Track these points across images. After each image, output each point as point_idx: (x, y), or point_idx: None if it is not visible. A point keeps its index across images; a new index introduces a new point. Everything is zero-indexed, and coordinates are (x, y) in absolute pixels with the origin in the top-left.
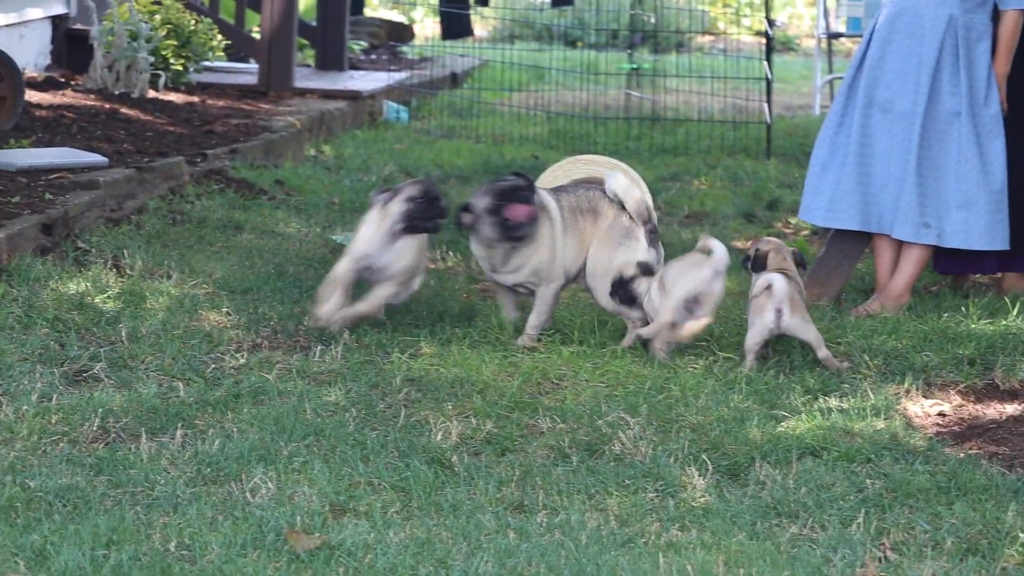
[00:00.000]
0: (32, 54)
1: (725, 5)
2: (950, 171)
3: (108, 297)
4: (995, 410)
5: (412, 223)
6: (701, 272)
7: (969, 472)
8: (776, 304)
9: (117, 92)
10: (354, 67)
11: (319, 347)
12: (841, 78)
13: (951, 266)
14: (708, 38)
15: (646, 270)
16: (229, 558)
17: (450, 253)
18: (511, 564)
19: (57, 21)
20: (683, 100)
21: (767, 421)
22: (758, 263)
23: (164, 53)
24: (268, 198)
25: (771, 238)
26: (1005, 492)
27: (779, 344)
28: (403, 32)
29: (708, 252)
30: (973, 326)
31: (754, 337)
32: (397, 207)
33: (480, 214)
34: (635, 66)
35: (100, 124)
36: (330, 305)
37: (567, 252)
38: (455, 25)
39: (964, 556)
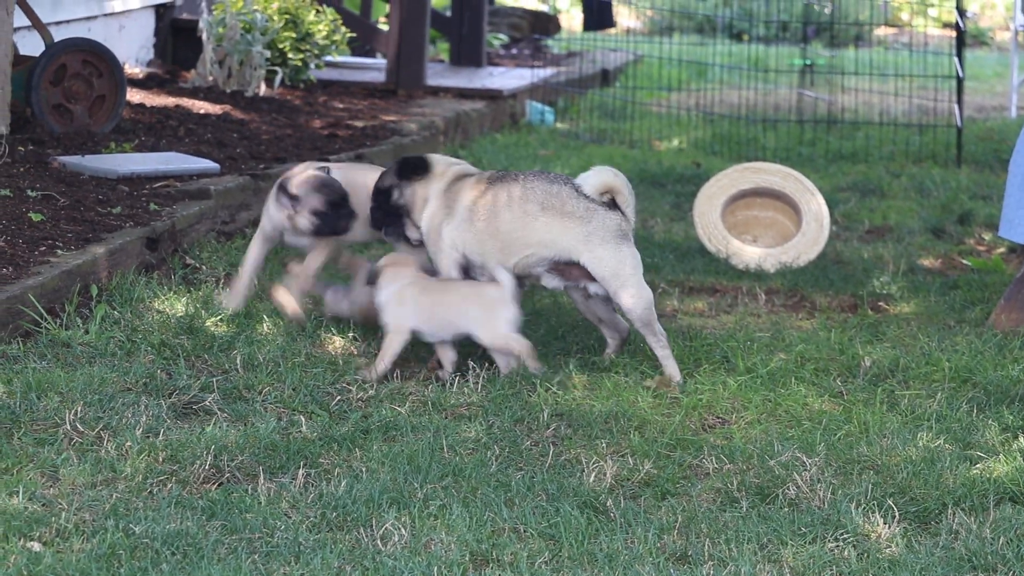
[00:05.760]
0: (133, 48)
1: None
2: None
3: (220, 320)
4: None
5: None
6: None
7: None
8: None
9: (229, 90)
10: (493, 63)
11: (456, 377)
12: None
13: None
14: (890, 31)
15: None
16: None
17: None
18: None
19: (161, 11)
20: (862, 100)
21: (960, 462)
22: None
23: (281, 47)
24: None
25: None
26: None
27: (974, 373)
28: (548, 23)
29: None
30: None
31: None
32: None
33: None
34: (809, 62)
35: (210, 126)
36: None
37: None
38: (597, 15)
39: None
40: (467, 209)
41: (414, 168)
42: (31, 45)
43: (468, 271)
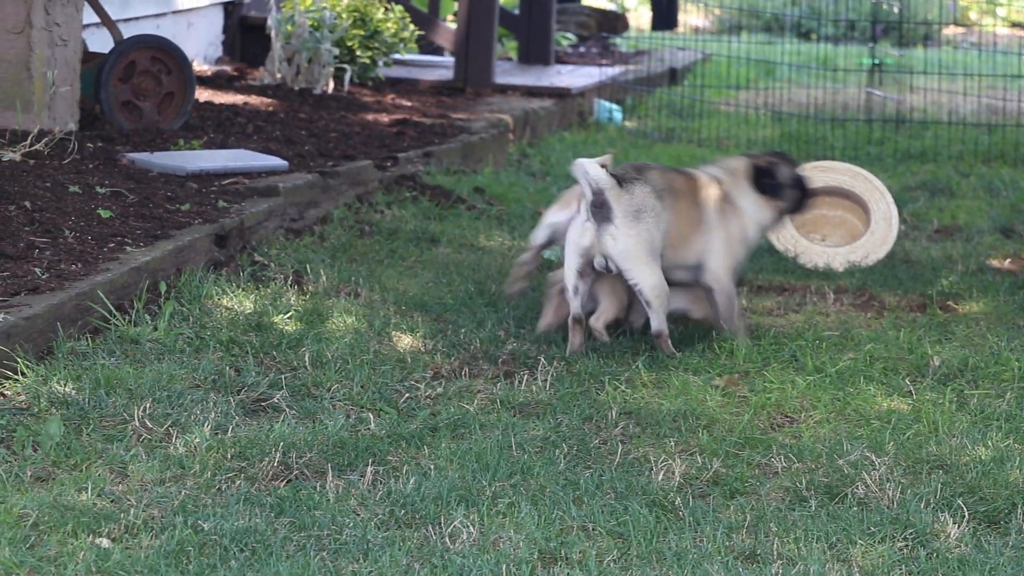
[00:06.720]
0: (202, 45)
1: None
2: None
3: (289, 317)
4: None
5: None
6: None
7: None
8: None
9: (297, 88)
10: (561, 61)
11: (525, 375)
12: None
13: None
14: (959, 30)
15: None
16: None
17: None
18: None
19: (230, 8)
20: (931, 100)
21: None
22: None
23: (350, 45)
24: (466, 207)
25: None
26: None
27: None
28: (616, 22)
29: None
30: None
31: None
32: None
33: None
34: (877, 61)
35: (278, 124)
36: None
37: None
38: (664, 14)
39: None
40: None
41: None
42: (100, 42)
43: None
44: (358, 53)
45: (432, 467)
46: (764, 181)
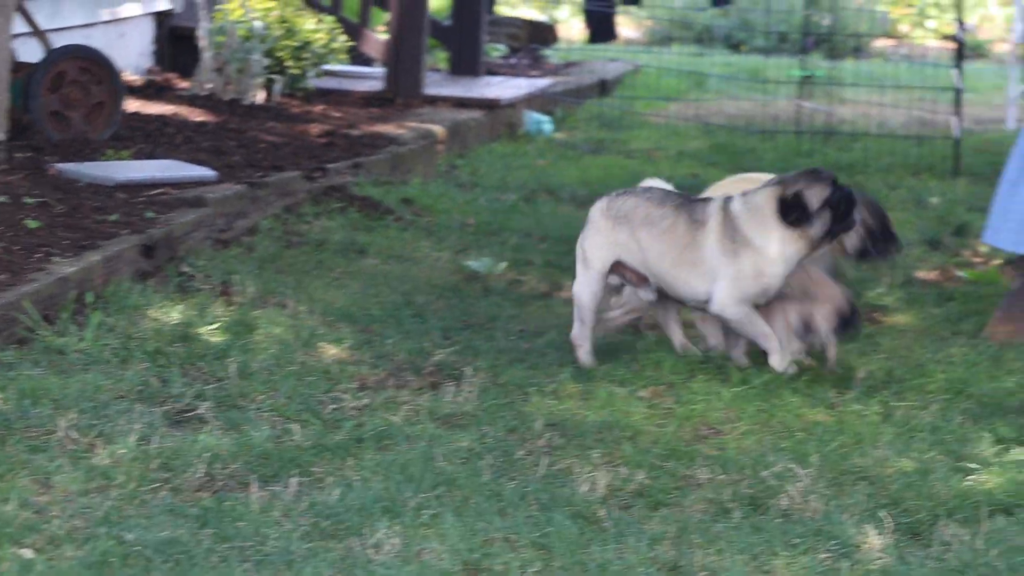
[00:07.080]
0: (132, 55)
1: (908, 5)
2: None
3: (215, 328)
4: None
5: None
6: None
7: None
8: None
9: (227, 98)
10: (491, 72)
11: (450, 386)
12: None
13: None
14: (889, 42)
15: None
16: None
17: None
18: None
19: (160, 18)
20: (861, 112)
21: (953, 474)
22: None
23: (280, 55)
24: (395, 218)
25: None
26: None
27: (969, 385)
28: (546, 33)
29: None
30: None
31: None
32: None
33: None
34: (807, 73)
35: (208, 134)
36: None
37: None
38: (600, 27)
39: None
40: None
41: None
42: (31, 52)
43: None
44: (288, 64)
45: (357, 478)
46: (792, 216)
